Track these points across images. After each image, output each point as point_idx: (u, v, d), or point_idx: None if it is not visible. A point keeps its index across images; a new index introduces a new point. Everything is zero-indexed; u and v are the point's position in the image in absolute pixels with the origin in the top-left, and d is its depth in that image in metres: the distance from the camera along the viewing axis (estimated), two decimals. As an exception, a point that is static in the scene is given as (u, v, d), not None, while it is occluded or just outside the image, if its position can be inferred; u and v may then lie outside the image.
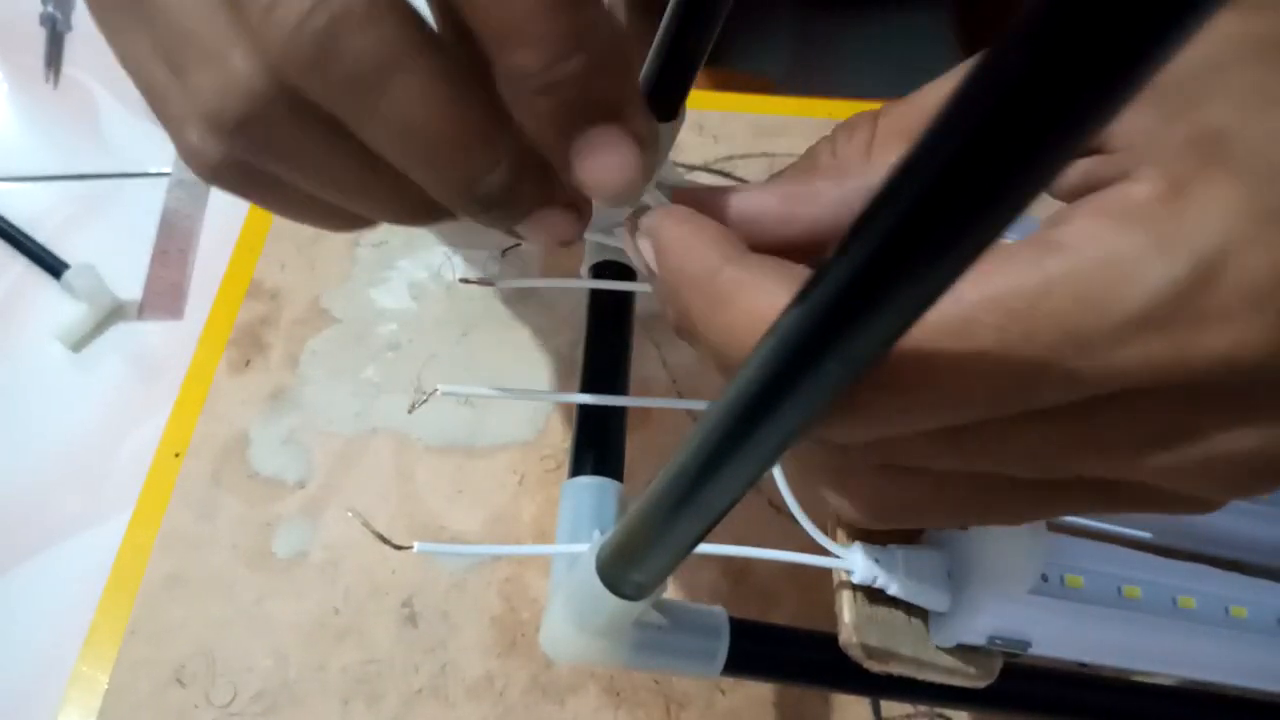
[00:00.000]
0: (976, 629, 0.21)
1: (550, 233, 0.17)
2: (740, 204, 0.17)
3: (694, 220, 0.15)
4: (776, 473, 0.21)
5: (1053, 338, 0.12)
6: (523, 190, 0.16)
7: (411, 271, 0.42)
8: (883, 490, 0.16)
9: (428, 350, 0.40)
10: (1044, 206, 0.12)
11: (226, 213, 0.48)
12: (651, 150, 0.16)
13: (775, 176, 0.17)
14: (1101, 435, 0.13)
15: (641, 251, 0.16)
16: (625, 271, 0.28)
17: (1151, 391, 0.12)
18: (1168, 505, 0.15)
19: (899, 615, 0.21)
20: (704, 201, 0.16)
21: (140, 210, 0.49)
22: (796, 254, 0.15)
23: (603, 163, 0.15)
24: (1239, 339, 0.11)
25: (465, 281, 0.23)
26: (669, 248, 0.15)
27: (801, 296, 0.11)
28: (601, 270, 0.28)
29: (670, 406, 0.31)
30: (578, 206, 0.17)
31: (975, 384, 0.12)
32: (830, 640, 0.21)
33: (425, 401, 0.21)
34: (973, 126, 0.08)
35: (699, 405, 0.26)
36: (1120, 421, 0.13)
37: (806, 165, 0.17)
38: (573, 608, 0.19)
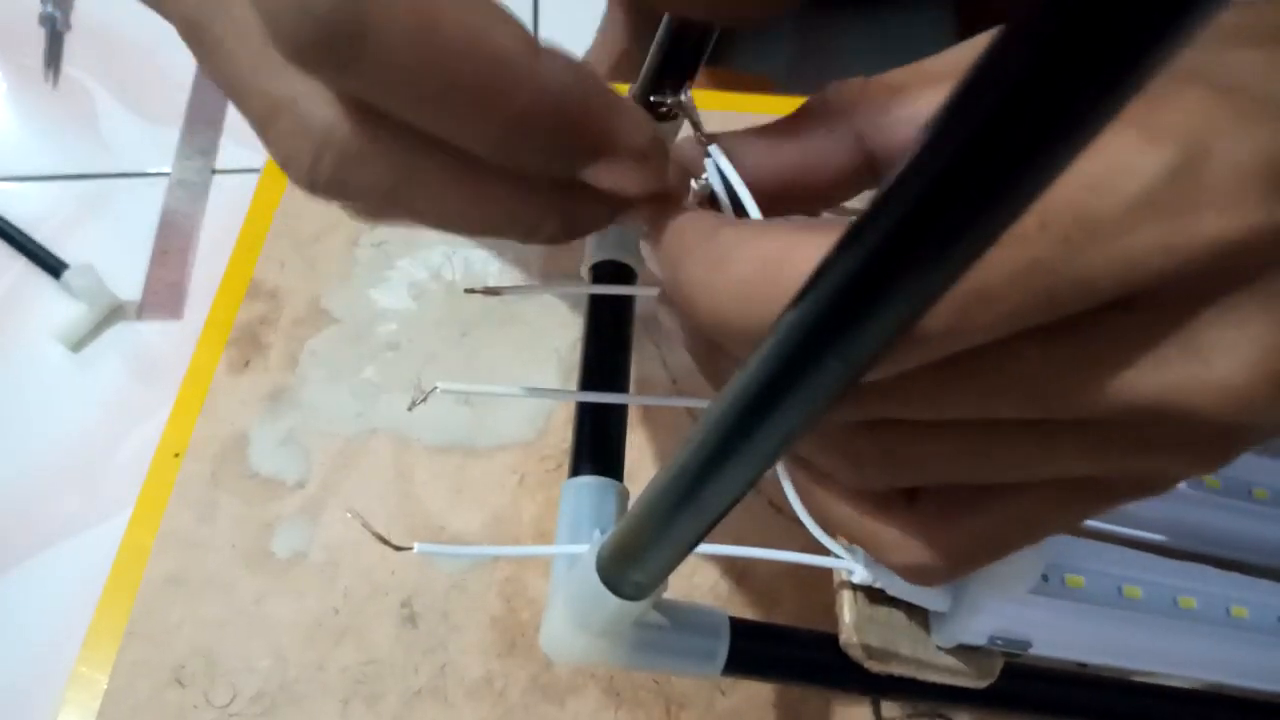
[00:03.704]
0: (977, 629, 0.21)
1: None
2: (727, 146, 0.18)
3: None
4: (780, 470, 0.21)
5: (1066, 226, 0.12)
6: (583, 213, 0.17)
7: (411, 271, 0.42)
8: (883, 447, 0.16)
9: (427, 350, 0.40)
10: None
11: (226, 213, 0.48)
12: (655, 153, 0.16)
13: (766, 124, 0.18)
14: (1100, 351, 0.13)
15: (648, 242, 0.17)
16: (625, 273, 0.28)
17: (1151, 297, 0.13)
18: (1147, 472, 0.15)
19: (899, 615, 0.21)
20: (694, 153, 0.18)
21: (139, 210, 0.49)
22: (790, 198, 0.17)
23: (610, 186, 0.16)
24: (1230, 221, 0.12)
25: (470, 291, 0.23)
26: (667, 226, 0.16)
27: (802, 294, 0.11)
28: (601, 270, 0.28)
29: (670, 404, 0.31)
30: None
31: (1001, 288, 0.12)
32: (831, 640, 0.21)
33: (425, 399, 0.21)
34: (973, 126, 0.08)
35: (699, 403, 0.26)
36: (1120, 332, 0.13)
37: (798, 112, 0.18)
38: (573, 608, 0.19)
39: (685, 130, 0.20)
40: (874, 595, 0.21)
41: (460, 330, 0.40)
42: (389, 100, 0.14)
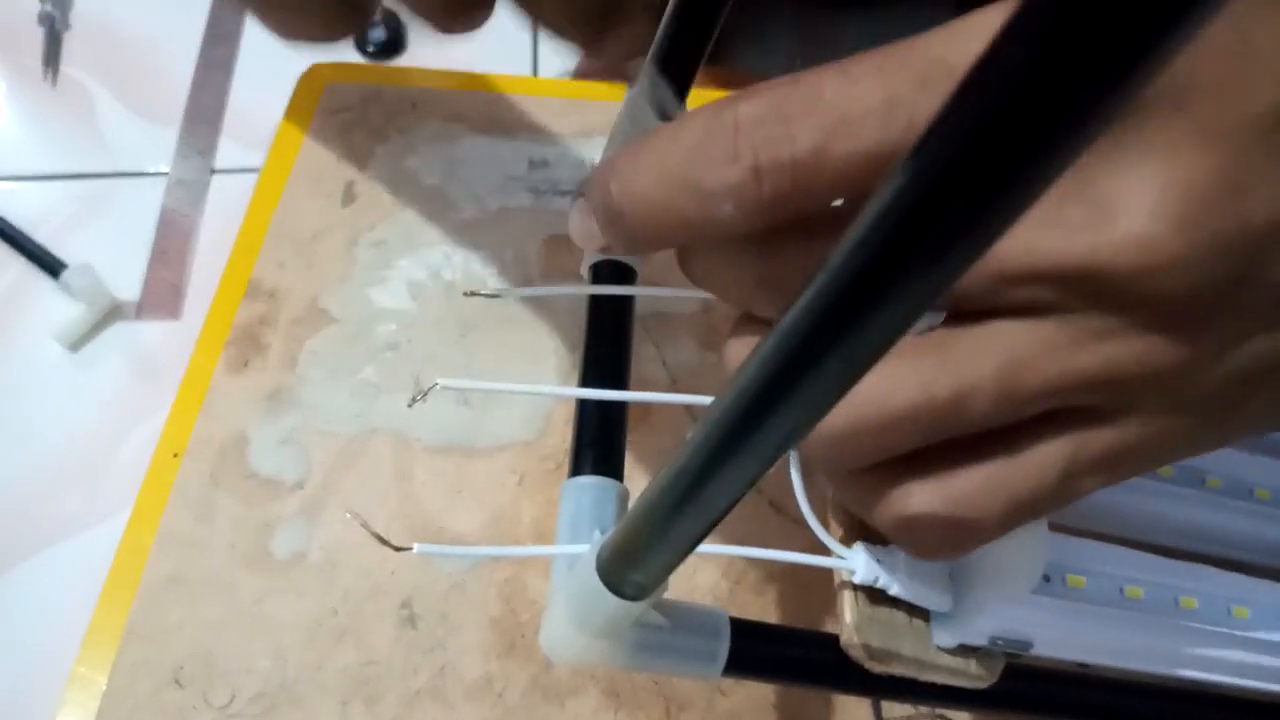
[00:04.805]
0: (978, 629, 0.21)
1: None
2: None
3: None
4: (793, 466, 0.21)
5: (924, 68, 0.13)
6: None
7: (411, 271, 0.42)
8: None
9: (427, 350, 0.40)
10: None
11: (225, 212, 0.48)
12: None
13: None
14: None
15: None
16: (625, 273, 0.28)
17: None
18: None
19: (900, 616, 0.21)
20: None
21: (138, 210, 0.49)
22: None
23: None
24: None
25: (471, 294, 0.23)
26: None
27: (802, 295, 0.11)
28: (601, 270, 0.28)
29: (670, 401, 0.31)
30: None
31: (860, 119, 0.13)
32: (831, 641, 0.21)
33: (425, 396, 0.21)
34: (973, 124, 0.08)
35: (699, 400, 0.26)
36: None
37: None
38: (573, 608, 0.19)
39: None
40: (875, 596, 0.21)
41: (460, 330, 0.40)
42: None
